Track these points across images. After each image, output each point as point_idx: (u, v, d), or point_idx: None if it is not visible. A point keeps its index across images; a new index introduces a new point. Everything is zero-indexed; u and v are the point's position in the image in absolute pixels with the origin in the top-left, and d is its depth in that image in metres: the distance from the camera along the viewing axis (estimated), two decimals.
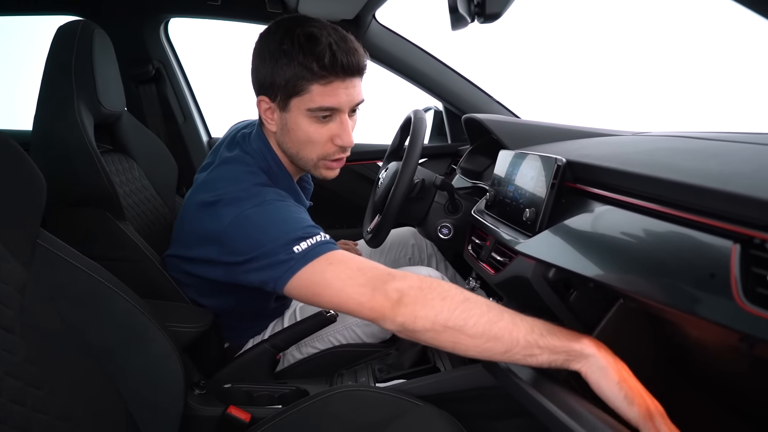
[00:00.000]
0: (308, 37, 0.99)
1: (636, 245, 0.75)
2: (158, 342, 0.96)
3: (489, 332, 0.80)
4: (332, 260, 0.91)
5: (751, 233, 0.58)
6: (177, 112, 2.13)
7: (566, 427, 0.67)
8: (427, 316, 0.82)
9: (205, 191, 1.07)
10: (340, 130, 1.07)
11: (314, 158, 1.10)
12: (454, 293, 0.84)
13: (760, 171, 0.65)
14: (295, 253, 0.92)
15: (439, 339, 0.82)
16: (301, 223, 0.98)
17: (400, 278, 0.87)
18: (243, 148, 1.14)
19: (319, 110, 1.03)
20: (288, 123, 1.07)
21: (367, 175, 2.11)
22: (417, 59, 1.81)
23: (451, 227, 1.43)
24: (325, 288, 0.90)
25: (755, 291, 0.55)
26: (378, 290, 0.86)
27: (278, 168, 1.14)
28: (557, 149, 1.13)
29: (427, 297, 0.83)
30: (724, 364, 0.71)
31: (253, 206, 0.99)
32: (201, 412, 1.06)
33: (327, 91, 1.01)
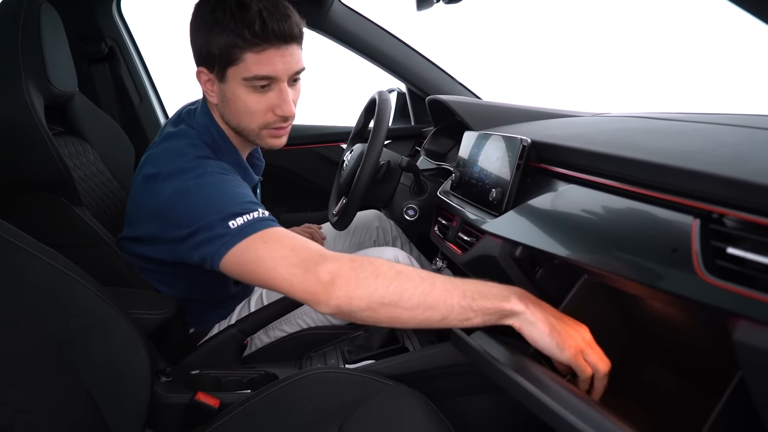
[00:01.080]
0: (239, 5, 0.97)
1: (600, 222, 0.77)
2: (122, 330, 0.93)
3: (425, 303, 0.81)
4: (267, 238, 0.89)
5: (710, 208, 0.61)
6: (132, 92, 2.05)
7: (535, 398, 0.68)
8: (362, 296, 0.81)
9: (148, 166, 1.06)
10: (279, 100, 1.04)
11: (255, 128, 1.08)
12: (386, 269, 0.84)
13: (719, 149, 0.68)
14: (231, 228, 0.90)
15: (376, 317, 0.83)
16: (241, 198, 0.96)
17: (332, 259, 0.85)
18: (188, 123, 1.12)
19: (255, 79, 1.01)
20: (227, 94, 1.05)
21: (331, 158, 2.09)
22: (380, 40, 1.80)
23: (416, 208, 1.44)
24: (257, 266, 0.88)
25: (715, 264, 0.58)
26: (310, 272, 0.84)
27: (223, 142, 1.12)
28: (521, 130, 1.15)
29: (360, 277, 0.82)
30: (682, 334, 0.74)
31: (193, 178, 0.98)
32: (168, 399, 1.04)
33: (261, 59, 0.99)
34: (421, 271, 0.85)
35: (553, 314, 0.82)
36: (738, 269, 0.55)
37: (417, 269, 0.86)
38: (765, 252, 0.54)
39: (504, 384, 0.78)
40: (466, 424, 1.00)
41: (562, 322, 0.81)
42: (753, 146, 0.67)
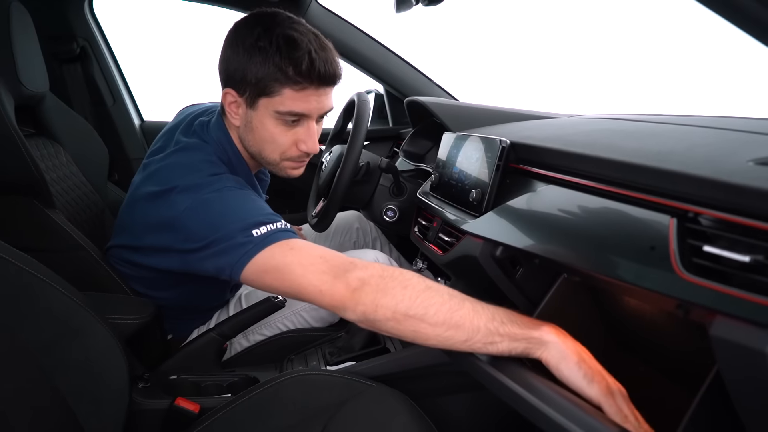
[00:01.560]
0: (288, 40, 0.96)
1: (579, 222, 0.79)
2: (99, 335, 0.92)
3: (450, 320, 0.78)
4: (293, 246, 0.90)
5: (686, 207, 0.62)
6: (105, 93, 2.01)
7: (519, 396, 0.69)
8: (387, 305, 0.81)
9: (159, 180, 1.02)
10: (306, 137, 1.05)
11: (276, 158, 1.08)
12: (416, 282, 0.83)
13: (693, 149, 0.70)
14: (254, 237, 0.89)
15: (400, 328, 0.81)
16: (263, 209, 0.96)
17: (362, 267, 0.85)
18: (201, 137, 1.10)
19: (288, 114, 1.01)
20: (253, 121, 1.04)
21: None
22: (358, 41, 1.80)
23: (396, 210, 1.44)
24: (285, 273, 0.87)
25: (692, 261, 0.59)
26: (339, 278, 0.84)
27: (237, 160, 1.11)
28: (500, 131, 1.16)
29: (388, 286, 0.82)
30: (660, 330, 0.76)
31: (211, 191, 0.96)
32: (147, 405, 1.02)
33: (299, 96, 0.99)
34: (450, 290, 0.82)
35: (585, 351, 0.78)
36: (714, 267, 0.57)
37: (447, 288, 0.83)
38: (739, 250, 0.55)
39: (487, 383, 0.79)
40: (448, 422, 1.00)
41: (594, 359, 0.77)
42: (725, 147, 0.69)
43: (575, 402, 0.68)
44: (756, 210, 0.55)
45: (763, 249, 0.54)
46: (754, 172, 0.58)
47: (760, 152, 0.63)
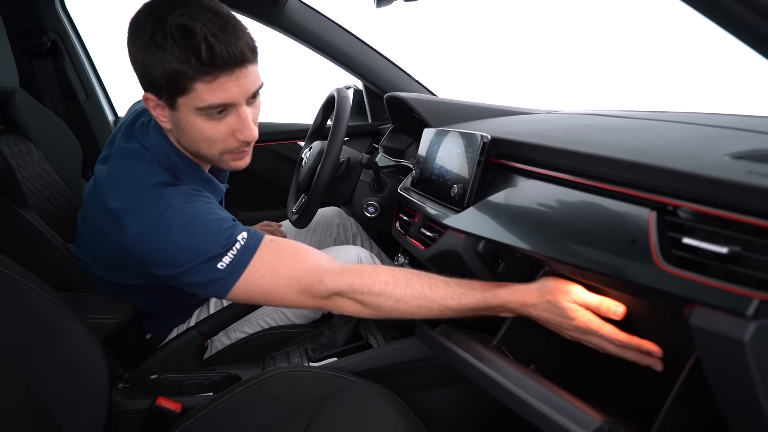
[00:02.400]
0: (181, 30, 0.86)
1: (561, 215, 0.80)
2: (77, 335, 0.90)
3: (426, 317, 0.93)
4: (263, 270, 0.92)
5: (666, 201, 0.64)
6: (78, 88, 1.96)
7: (502, 387, 0.70)
8: (371, 314, 0.95)
9: (105, 192, 0.98)
10: (240, 125, 0.96)
11: (216, 154, 1.00)
12: (385, 298, 0.93)
13: (671, 144, 0.71)
14: (221, 270, 0.90)
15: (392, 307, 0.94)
16: (216, 231, 0.92)
17: (333, 281, 0.93)
18: (141, 142, 1.03)
19: (209, 108, 0.92)
20: (180, 122, 0.96)
21: (288, 155, 2.07)
22: (337, 37, 1.79)
23: (377, 205, 1.44)
24: (267, 298, 0.95)
25: (671, 253, 0.61)
26: (317, 298, 0.94)
27: (183, 162, 1.04)
28: (480, 127, 1.17)
29: (364, 302, 0.94)
30: (639, 321, 0.78)
31: (156, 216, 0.92)
32: (127, 406, 1.01)
33: (214, 87, 0.89)
34: (418, 297, 0.92)
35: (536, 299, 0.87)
36: (693, 258, 0.58)
37: (413, 291, 0.93)
38: (717, 241, 0.57)
39: (470, 375, 0.80)
40: (432, 416, 1.01)
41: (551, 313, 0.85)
42: (702, 142, 0.71)
43: (558, 393, 0.70)
44: (733, 202, 0.56)
45: (740, 240, 0.55)
46: (730, 165, 0.59)
47: (736, 147, 0.65)
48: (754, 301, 0.52)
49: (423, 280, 0.93)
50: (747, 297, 0.52)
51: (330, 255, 1.35)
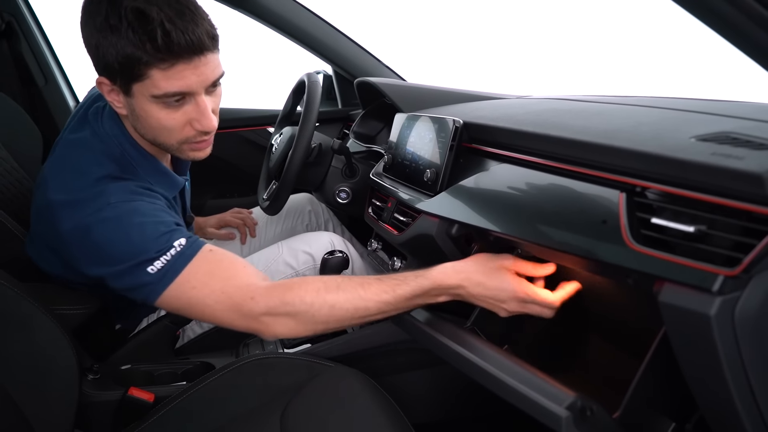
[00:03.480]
0: (136, 13, 0.82)
1: (533, 198, 0.81)
2: (44, 327, 0.88)
3: (364, 319, 0.89)
4: (194, 281, 0.88)
5: (634, 182, 0.66)
6: (36, 73, 1.88)
7: (478, 367, 0.72)
8: (306, 331, 0.89)
9: (47, 183, 0.95)
10: (198, 115, 0.92)
11: (174, 143, 0.96)
12: (319, 306, 0.87)
13: (638, 127, 0.73)
14: (151, 275, 0.87)
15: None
16: (152, 234, 0.89)
17: (263, 300, 0.88)
18: (93, 129, 0.99)
19: (165, 97, 0.88)
20: (136, 109, 0.91)
21: (258, 142, 2.04)
22: (306, 21, 1.75)
23: (349, 191, 1.44)
24: (195, 311, 0.90)
25: (641, 233, 0.63)
26: (246, 317, 0.88)
27: (137, 153, 0.99)
28: (451, 111, 1.17)
29: (298, 320, 0.88)
30: (609, 301, 0.80)
31: (93, 212, 0.88)
32: (98, 397, 0.99)
33: (171, 74, 0.86)
34: (353, 298, 0.88)
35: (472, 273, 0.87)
36: (661, 237, 0.60)
37: (347, 293, 0.88)
38: (683, 220, 0.59)
39: (446, 356, 0.81)
40: (408, 398, 1.02)
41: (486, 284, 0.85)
42: (669, 125, 0.73)
43: (532, 371, 0.71)
44: (699, 183, 0.58)
45: (706, 219, 0.57)
46: (696, 147, 0.61)
47: (701, 129, 0.67)
48: (719, 277, 0.54)
49: (355, 280, 0.90)
50: (712, 273, 0.54)
51: (303, 241, 1.36)
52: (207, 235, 1.53)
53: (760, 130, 0.64)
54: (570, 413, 0.61)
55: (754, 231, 0.53)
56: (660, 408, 0.69)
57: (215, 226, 1.55)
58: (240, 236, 1.54)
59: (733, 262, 0.54)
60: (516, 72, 3.87)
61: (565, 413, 0.61)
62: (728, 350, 0.54)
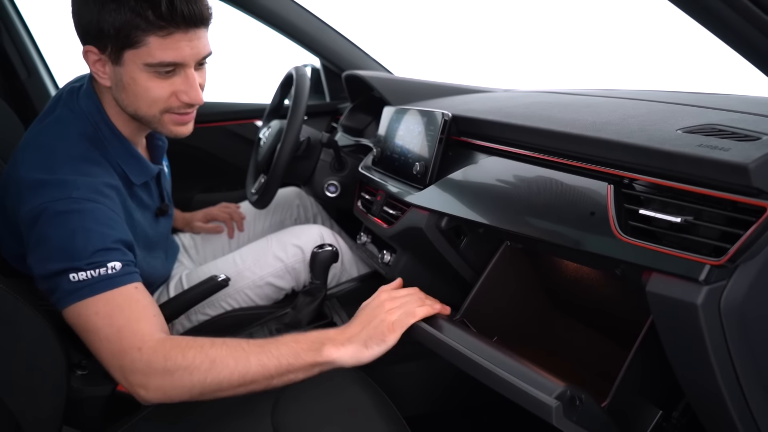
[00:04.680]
0: None
1: (522, 191, 0.82)
2: (31, 323, 0.87)
3: (244, 382, 0.81)
4: (101, 309, 0.84)
5: (622, 174, 0.67)
6: (18, 65, 1.85)
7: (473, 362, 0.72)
8: (181, 395, 0.82)
9: (15, 158, 0.95)
10: (186, 86, 0.94)
11: (156, 113, 0.96)
12: (200, 362, 0.80)
13: (626, 120, 0.74)
14: (70, 282, 0.83)
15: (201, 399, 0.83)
16: (93, 244, 0.86)
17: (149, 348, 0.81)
18: (69, 107, 0.99)
19: (159, 66, 0.90)
20: (123, 78, 0.92)
21: (245, 135, 2.02)
22: (294, 14, 1.74)
23: (338, 185, 1.44)
24: (86, 336, 0.85)
25: (629, 224, 0.63)
26: (126, 375, 0.82)
27: (110, 132, 0.99)
28: (440, 105, 1.18)
29: (174, 380, 0.81)
30: (597, 292, 0.81)
31: (51, 200, 0.87)
32: (87, 393, 0.98)
33: (167, 43, 0.88)
34: (234, 351, 0.82)
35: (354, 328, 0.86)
36: (649, 228, 0.61)
37: (230, 347, 0.82)
38: (670, 211, 0.60)
39: (436, 348, 0.82)
40: (398, 390, 1.03)
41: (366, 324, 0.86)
42: (655, 117, 0.74)
43: (522, 362, 0.72)
44: (685, 174, 0.59)
45: (692, 210, 0.58)
46: (683, 139, 0.62)
47: (688, 122, 0.68)
48: (705, 266, 0.55)
49: (241, 339, 0.86)
50: (699, 263, 0.55)
51: (293, 234, 1.36)
52: (194, 229, 1.53)
53: (745, 122, 0.65)
54: (560, 403, 0.62)
55: (739, 221, 0.54)
56: (647, 396, 0.70)
57: (202, 219, 1.54)
58: (227, 230, 1.54)
59: (719, 251, 0.55)
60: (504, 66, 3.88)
61: (554, 403, 0.62)
62: (714, 338, 0.55)
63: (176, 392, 0.81)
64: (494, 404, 1.15)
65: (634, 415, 0.70)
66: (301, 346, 0.82)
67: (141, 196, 1.07)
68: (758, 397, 0.59)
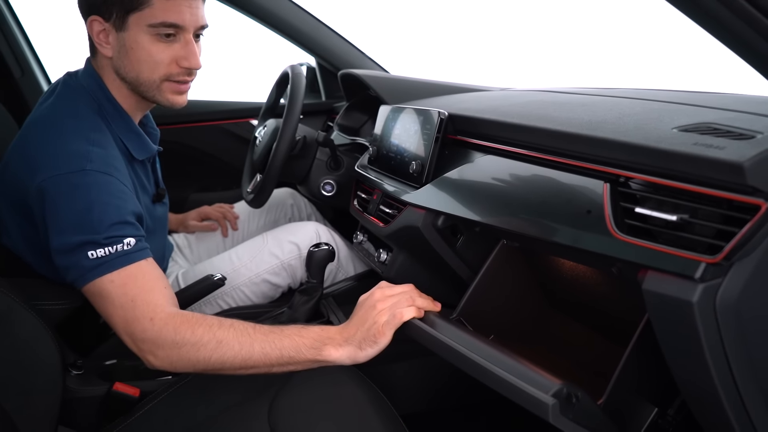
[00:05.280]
0: None
1: (518, 189, 0.82)
2: (26, 323, 0.87)
3: (246, 365, 0.86)
4: (117, 280, 0.87)
5: (618, 172, 0.67)
6: (12, 63, 1.84)
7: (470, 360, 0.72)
8: (185, 366, 0.87)
9: (23, 138, 0.98)
10: (186, 52, 0.99)
11: (156, 79, 1.00)
12: (207, 340, 0.85)
13: (622, 119, 0.74)
14: (89, 260, 0.86)
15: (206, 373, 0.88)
16: (109, 218, 0.89)
17: (160, 320, 0.86)
18: (70, 86, 1.02)
19: (162, 26, 0.96)
20: (126, 43, 0.97)
21: (241, 134, 2.02)
22: (289, 13, 1.74)
23: (334, 184, 1.44)
24: (100, 304, 0.89)
25: (625, 222, 0.64)
26: (136, 341, 0.87)
27: (113, 108, 1.02)
28: (436, 104, 1.18)
29: (181, 353, 0.85)
30: (593, 290, 0.81)
31: (66, 173, 0.89)
32: (82, 393, 0.98)
33: (170, 6, 0.95)
34: (241, 335, 0.86)
35: (351, 329, 0.88)
36: (645, 226, 0.62)
37: (237, 331, 0.86)
38: (666, 210, 0.60)
39: (433, 347, 0.82)
40: (395, 389, 1.03)
41: (360, 325, 0.87)
42: (651, 116, 0.74)
43: (518, 360, 0.72)
44: (681, 173, 0.59)
45: (688, 208, 0.59)
46: (678, 138, 0.63)
47: (683, 120, 0.68)
48: (701, 264, 0.55)
49: (248, 323, 0.89)
50: (695, 261, 0.56)
51: (289, 231, 1.36)
52: (189, 228, 1.53)
53: (740, 121, 0.65)
54: (556, 400, 0.62)
55: (734, 219, 0.55)
56: (643, 394, 0.71)
57: (196, 218, 1.54)
58: (221, 229, 1.54)
59: (715, 249, 0.55)
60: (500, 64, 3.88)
61: (551, 401, 0.62)
62: (710, 336, 0.56)
63: (182, 364, 0.86)
64: (491, 402, 1.15)
65: (629, 412, 0.71)
66: (304, 341, 0.85)
67: (141, 176, 1.08)
68: (753, 394, 0.59)
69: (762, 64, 0.62)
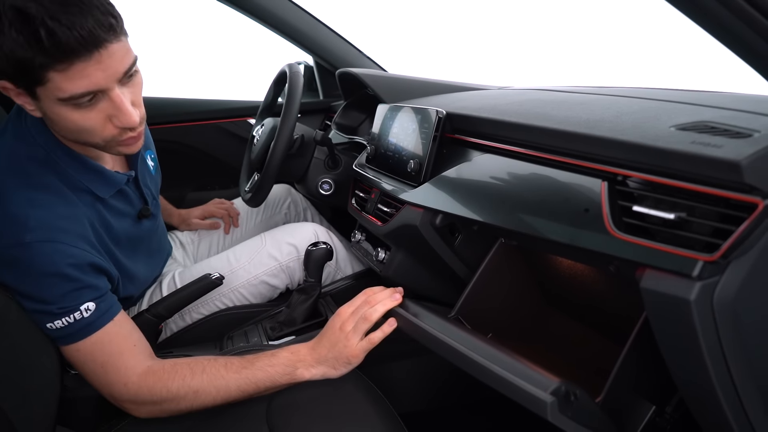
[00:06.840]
0: (15, 11, 0.73)
1: (516, 188, 0.82)
2: (24, 322, 0.86)
3: (227, 401, 0.90)
4: (82, 347, 0.89)
5: (616, 171, 0.67)
6: None
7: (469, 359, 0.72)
8: (172, 415, 0.91)
9: None
10: (116, 111, 0.83)
11: (100, 142, 0.88)
12: (184, 392, 0.88)
13: (620, 117, 0.74)
14: (50, 330, 0.87)
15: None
16: (59, 290, 0.85)
17: (133, 384, 0.89)
18: (15, 132, 0.92)
19: (73, 99, 0.79)
20: (47, 112, 0.83)
21: (238, 133, 2.02)
22: (287, 11, 1.74)
23: (332, 183, 1.44)
24: (75, 367, 0.92)
25: (622, 221, 0.64)
26: (114, 398, 0.90)
27: (64, 153, 0.91)
28: (434, 102, 1.18)
29: (163, 408, 0.90)
30: (590, 288, 0.81)
31: (7, 246, 0.83)
32: (80, 392, 0.98)
33: (71, 75, 0.76)
34: (215, 379, 0.89)
35: (322, 350, 0.92)
36: (642, 224, 0.62)
37: (210, 376, 0.90)
38: (664, 208, 0.60)
39: (431, 346, 0.82)
40: (394, 388, 1.03)
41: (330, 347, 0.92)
42: (649, 115, 0.74)
43: (517, 358, 0.72)
44: (679, 171, 0.59)
45: (686, 206, 0.59)
46: (676, 136, 0.63)
47: (681, 119, 0.68)
48: (699, 262, 0.55)
49: (219, 361, 0.91)
50: (692, 259, 0.56)
51: (287, 232, 1.36)
52: (192, 226, 1.53)
53: (737, 120, 0.65)
54: (555, 398, 0.62)
55: (732, 217, 0.55)
56: (641, 392, 0.71)
57: (200, 217, 1.54)
58: (224, 226, 1.54)
59: (712, 247, 0.55)
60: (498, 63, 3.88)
61: (549, 399, 0.62)
62: (707, 334, 0.56)
63: (166, 414, 0.90)
64: (489, 401, 1.15)
65: (627, 410, 0.71)
66: (276, 370, 0.90)
67: (115, 205, 1.02)
68: (750, 392, 0.59)
69: (761, 64, 0.62)
